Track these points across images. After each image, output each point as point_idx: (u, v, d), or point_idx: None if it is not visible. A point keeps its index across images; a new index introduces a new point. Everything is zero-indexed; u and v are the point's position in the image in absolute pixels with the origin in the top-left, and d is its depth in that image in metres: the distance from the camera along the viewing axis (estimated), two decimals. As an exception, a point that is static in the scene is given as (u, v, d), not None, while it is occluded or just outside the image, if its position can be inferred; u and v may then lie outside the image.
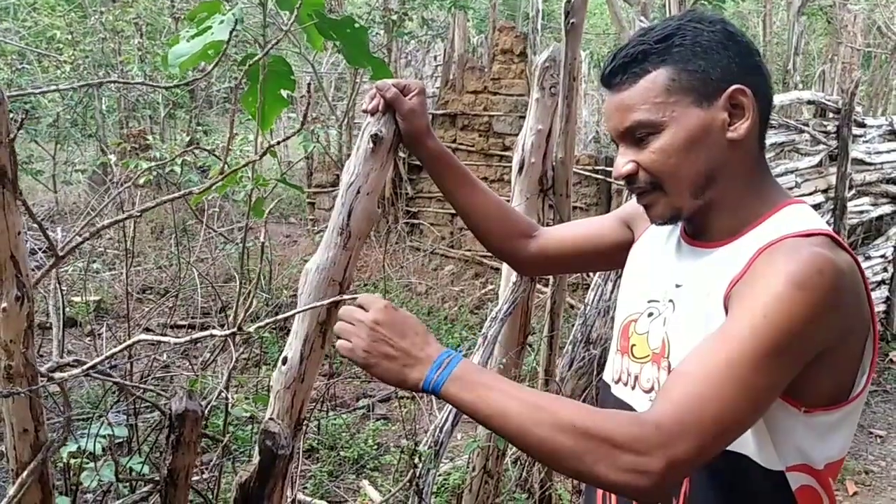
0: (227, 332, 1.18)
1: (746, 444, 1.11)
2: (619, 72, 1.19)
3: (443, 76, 8.26)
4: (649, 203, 1.23)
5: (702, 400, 1.00)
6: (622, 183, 1.24)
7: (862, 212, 6.04)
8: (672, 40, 1.16)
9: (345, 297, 1.37)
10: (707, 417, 0.99)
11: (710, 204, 1.20)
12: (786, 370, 1.03)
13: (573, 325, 3.82)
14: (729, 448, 1.06)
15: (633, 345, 1.30)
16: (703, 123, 1.14)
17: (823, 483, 1.15)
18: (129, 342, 1.28)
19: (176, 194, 1.32)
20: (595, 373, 3.55)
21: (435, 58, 8.98)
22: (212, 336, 1.20)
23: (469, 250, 7.72)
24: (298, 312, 1.55)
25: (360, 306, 1.23)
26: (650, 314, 1.28)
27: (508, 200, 2.89)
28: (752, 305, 1.03)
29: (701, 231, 1.24)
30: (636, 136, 1.18)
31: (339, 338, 1.21)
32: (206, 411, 1.61)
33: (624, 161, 1.21)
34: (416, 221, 8.29)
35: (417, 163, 7.86)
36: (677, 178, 1.17)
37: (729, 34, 1.17)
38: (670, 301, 1.24)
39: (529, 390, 1.12)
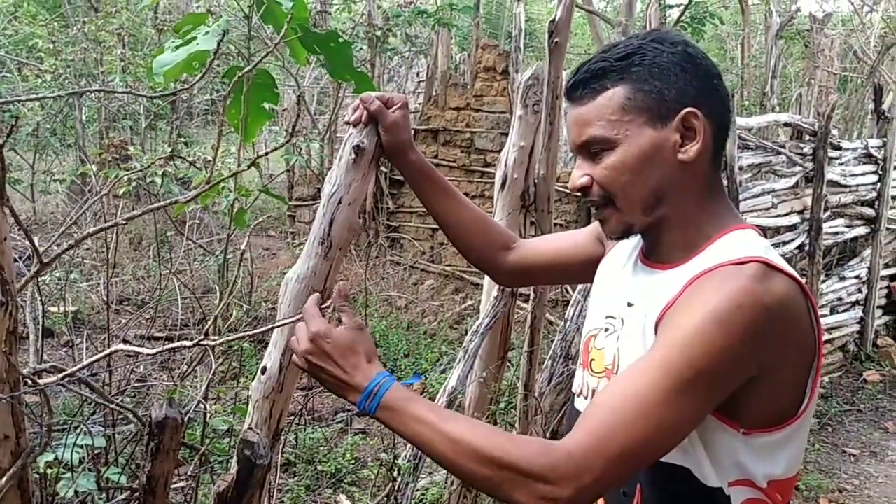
0: (195, 342, 1.18)
1: (687, 458, 1.13)
2: (580, 86, 1.21)
3: (426, 92, 8.30)
4: (603, 217, 1.26)
5: (612, 431, 1.03)
6: (579, 194, 1.26)
7: (837, 233, 6.12)
8: (632, 59, 1.17)
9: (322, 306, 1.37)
10: (614, 449, 1.02)
11: (660, 221, 1.22)
12: (700, 403, 1.05)
13: (552, 341, 3.84)
14: (673, 461, 1.11)
15: (593, 359, 1.32)
16: (655, 143, 1.16)
17: (771, 497, 1.16)
18: (108, 351, 1.28)
19: (161, 203, 1.32)
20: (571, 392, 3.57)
21: (418, 74, 9.02)
22: (185, 347, 1.20)
23: (449, 265, 7.74)
24: (279, 326, 1.55)
25: (307, 318, 1.26)
26: (607, 330, 1.30)
27: (490, 216, 2.91)
28: (671, 339, 1.06)
29: (655, 250, 1.27)
30: (591, 150, 1.21)
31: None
32: (185, 420, 1.61)
33: (579, 174, 1.23)
34: (396, 235, 8.29)
35: (399, 177, 7.88)
36: (628, 194, 1.20)
37: (689, 56, 1.18)
38: (622, 318, 1.26)
39: (453, 418, 1.13)
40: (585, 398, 1.32)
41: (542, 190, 2.92)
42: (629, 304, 1.25)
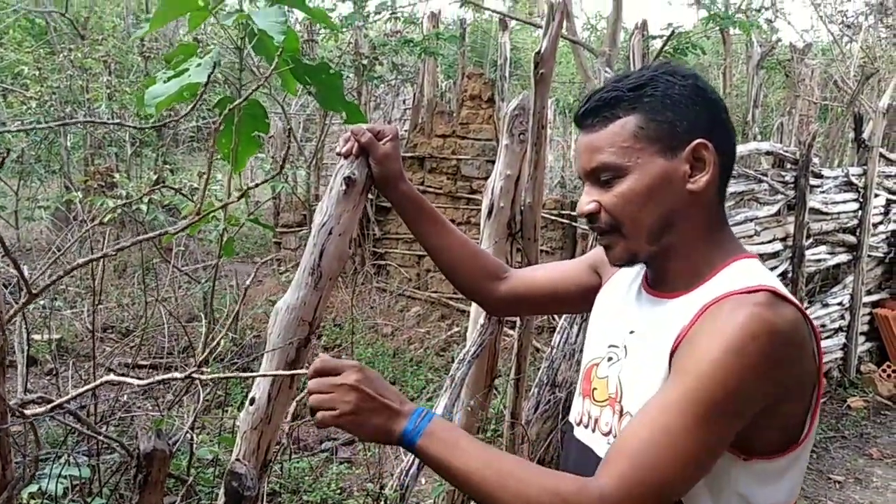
0: (187, 374, 1.18)
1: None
2: (591, 114, 1.23)
3: (412, 120, 8.36)
4: (609, 244, 1.27)
5: (642, 470, 1.05)
6: (584, 220, 1.28)
7: (819, 260, 6.18)
8: (644, 90, 1.20)
9: (298, 371, 1.35)
10: (647, 487, 1.04)
11: (666, 250, 1.23)
12: (723, 432, 1.07)
13: (539, 369, 3.85)
14: None
15: (595, 388, 1.33)
16: (665, 173, 1.19)
17: None
18: (97, 382, 1.28)
19: (151, 234, 1.33)
20: (560, 416, 3.57)
21: (404, 101, 9.08)
22: (176, 379, 1.20)
23: (435, 292, 7.74)
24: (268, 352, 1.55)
25: (327, 372, 1.22)
26: (610, 359, 1.31)
27: (477, 243, 2.92)
28: (689, 372, 1.07)
29: (660, 279, 1.28)
30: (601, 177, 1.22)
31: (316, 411, 1.20)
32: (172, 451, 1.60)
33: (588, 200, 1.25)
34: (383, 262, 8.30)
35: (385, 204, 7.90)
36: (636, 222, 1.21)
37: (699, 90, 1.21)
38: (626, 347, 1.27)
39: (495, 452, 1.16)
40: (586, 427, 1.33)
41: (528, 218, 2.93)
42: (632, 332, 1.26)
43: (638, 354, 1.23)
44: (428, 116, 8.12)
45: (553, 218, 6.93)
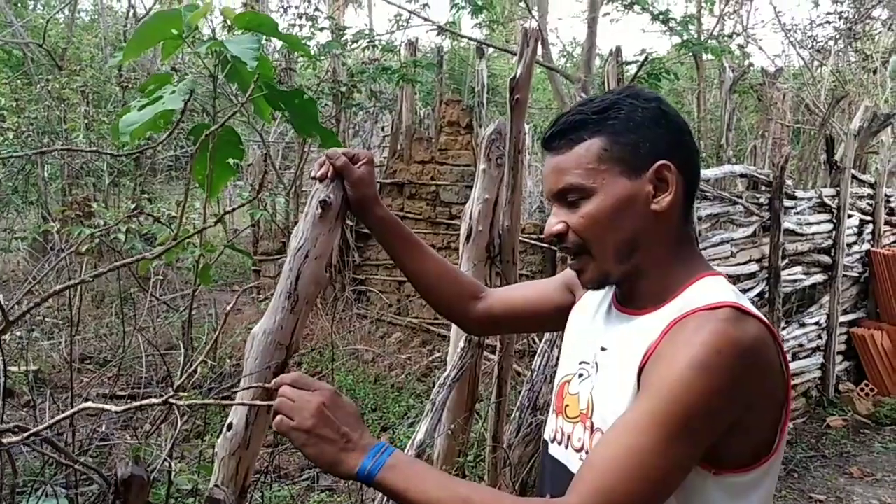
0: (164, 399, 1.18)
1: None
2: (557, 136, 1.26)
3: (391, 146, 8.39)
4: (580, 268, 1.29)
5: (611, 490, 1.06)
6: (553, 241, 1.30)
7: (795, 280, 6.24)
8: (609, 113, 1.23)
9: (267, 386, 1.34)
10: None
11: (635, 270, 1.26)
12: (692, 449, 1.08)
13: (520, 392, 3.85)
14: None
15: (567, 405, 1.34)
16: (630, 193, 1.21)
17: None
18: (75, 409, 1.27)
19: (127, 260, 1.33)
20: (542, 439, 3.57)
21: (383, 128, 9.13)
22: (153, 404, 1.20)
23: (416, 318, 7.73)
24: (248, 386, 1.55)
25: (305, 386, 1.23)
26: (580, 375, 1.32)
27: (457, 267, 2.94)
28: (656, 390, 1.09)
29: (629, 297, 1.30)
30: (568, 198, 1.25)
31: (277, 413, 1.21)
32: (150, 479, 1.59)
33: (555, 221, 1.27)
34: (363, 289, 8.28)
35: (365, 230, 7.91)
36: (603, 242, 1.24)
37: (662, 112, 1.24)
38: (596, 363, 1.29)
39: (458, 482, 1.17)
40: (559, 444, 1.33)
41: (506, 241, 2.96)
42: (602, 349, 1.28)
43: (608, 371, 1.24)
44: (406, 143, 8.16)
45: (532, 242, 6.97)
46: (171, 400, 1.19)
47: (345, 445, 1.17)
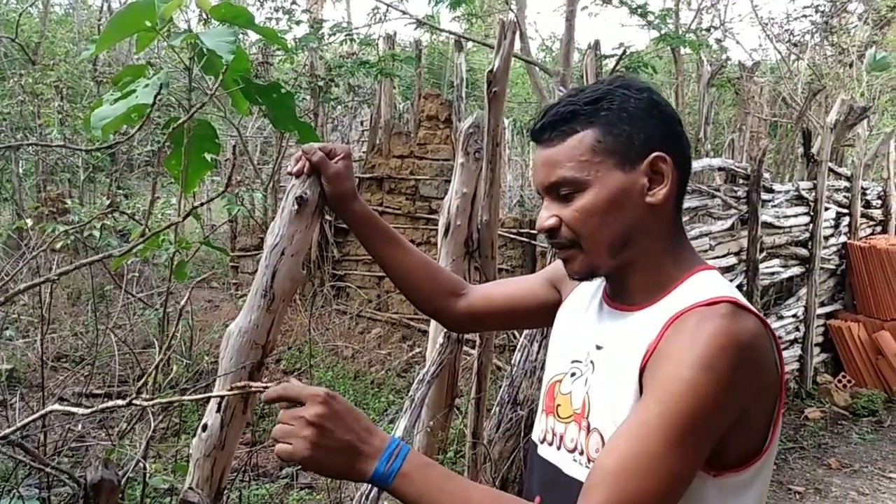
0: (128, 401, 1.15)
1: None
2: (548, 128, 1.22)
3: (369, 141, 8.35)
4: (568, 258, 1.26)
5: (627, 497, 1.03)
6: (545, 236, 1.27)
7: (773, 273, 6.28)
8: (601, 103, 1.19)
9: (254, 385, 1.26)
10: None
11: (626, 264, 1.23)
12: (701, 448, 1.07)
13: (500, 387, 3.83)
14: None
15: (559, 405, 1.31)
16: (624, 186, 1.18)
17: None
18: (41, 412, 1.24)
19: (95, 257, 1.29)
20: (522, 434, 3.56)
21: (362, 123, 9.07)
22: (118, 406, 1.16)
23: (396, 313, 7.71)
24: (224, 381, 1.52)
25: (294, 397, 1.14)
26: (573, 374, 1.29)
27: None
28: (663, 391, 1.06)
29: (621, 292, 1.27)
30: (560, 192, 1.21)
31: (277, 442, 1.12)
32: (122, 482, 1.55)
33: (547, 214, 1.24)
34: (342, 284, 8.25)
35: (344, 225, 7.86)
36: (596, 236, 1.20)
37: (655, 103, 1.21)
38: (591, 362, 1.25)
39: (475, 489, 1.12)
40: (550, 444, 1.30)
41: (485, 236, 2.94)
42: (598, 347, 1.25)
43: (605, 369, 1.21)
44: (385, 137, 8.13)
45: (512, 236, 6.96)
46: (135, 402, 1.15)
47: (352, 454, 1.10)
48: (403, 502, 1.11)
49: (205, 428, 1.60)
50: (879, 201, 8.31)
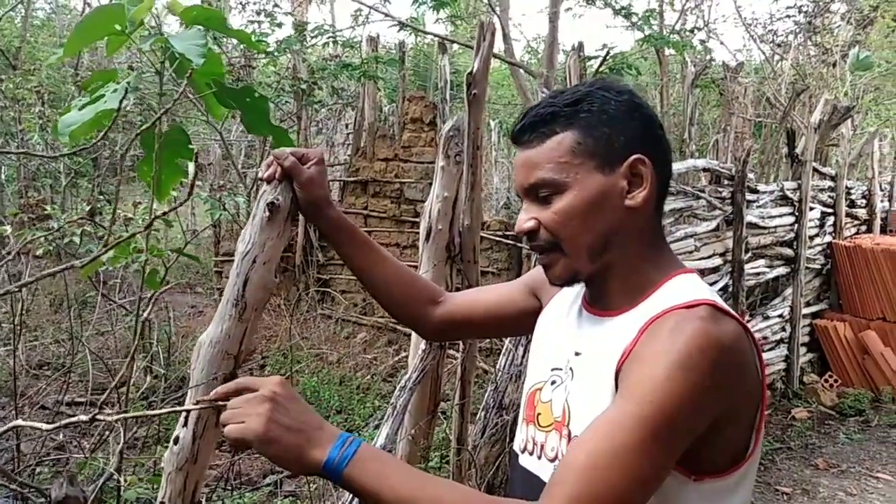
0: (91, 416, 1.11)
1: None
2: (528, 130, 1.21)
3: (354, 144, 8.31)
4: (549, 263, 1.24)
5: (594, 492, 1.00)
6: (524, 239, 1.25)
7: (759, 273, 6.28)
8: (581, 105, 1.18)
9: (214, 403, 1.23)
10: None
11: (607, 268, 1.21)
12: (674, 450, 1.04)
13: (486, 391, 3.80)
14: None
15: (539, 413, 1.29)
16: (604, 189, 1.16)
17: None
18: (4, 428, 1.19)
19: (58, 267, 1.25)
20: (508, 439, 3.53)
21: (347, 126, 9.03)
22: (82, 422, 1.12)
23: (382, 317, 7.66)
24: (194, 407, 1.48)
25: (250, 387, 1.15)
26: (553, 382, 1.27)
27: (418, 267, 2.88)
28: (637, 390, 1.04)
29: (600, 297, 1.25)
30: (539, 194, 1.20)
31: (225, 424, 1.11)
32: (95, 495, 1.51)
33: (526, 217, 1.22)
34: (327, 289, 8.20)
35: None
36: (576, 239, 1.19)
37: (635, 105, 1.20)
38: (571, 369, 1.23)
39: (428, 478, 1.10)
40: (531, 454, 1.28)
41: (467, 240, 2.90)
42: (577, 354, 1.23)
43: (584, 376, 1.19)
44: (370, 140, 8.09)
45: (498, 239, 6.94)
46: (98, 417, 1.11)
47: (308, 436, 1.08)
48: (355, 492, 1.08)
49: (176, 441, 1.56)
50: (864, 201, 8.34)
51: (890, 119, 12.90)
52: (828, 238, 7.34)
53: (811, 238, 6.91)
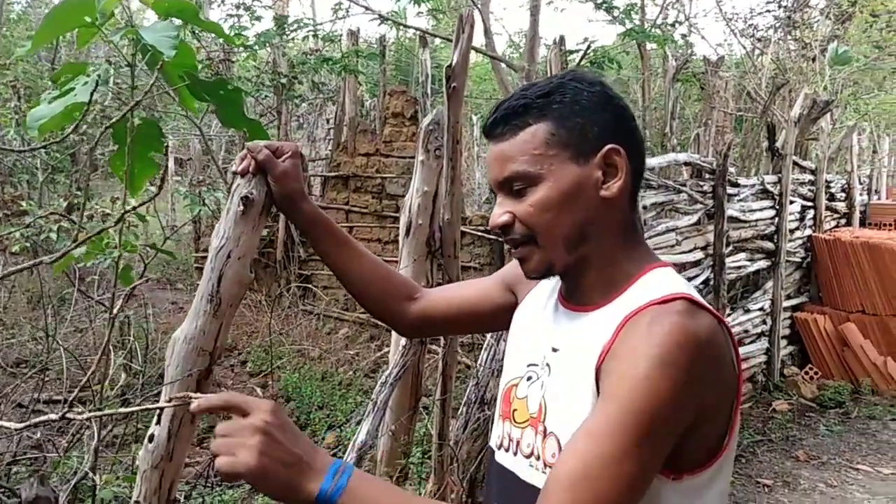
0: (60, 415, 1.08)
1: None
2: (500, 123, 1.19)
3: (335, 139, 8.27)
4: (524, 256, 1.22)
5: (582, 501, 0.99)
6: (499, 233, 1.23)
7: (740, 267, 6.31)
8: (553, 97, 1.17)
9: (193, 396, 1.15)
10: None
11: (582, 260, 1.20)
12: (661, 449, 1.03)
13: (468, 386, 3.79)
14: None
15: (515, 409, 1.27)
16: (578, 179, 1.15)
17: None
18: (-30, 426, 1.16)
19: (27, 263, 1.22)
20: (490, 433, 3.52)
21: (328, 120, 8.98)
22: (51, 421, 1.10)
23: (363, 313, 7.63)
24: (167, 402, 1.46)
25: (239, 408, 1.06)
26: (529, 378, 1.26)
27: (398, 262, 2.86)
28: (619, 391, 1.03)
29: (576, 291, 1.24)
30: (514, 187, 1.18)
31: (216, 456, 1.03)
32: (70, 494, 1.49)
33: (501, 211, 1.20)
34: (308, 284, 8.15)
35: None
36: (551, 231, 1.17)
37: (607, 96, 1.19)
38: (547, 365, 1.22)
39: (423, 502, 1.08)
40: (507, 450, 1.27)
41: (447, 235, 2.89)
42: (554, 350, 1.21)
43: (561, 372, 1.18)
44: (351, 135, 8.04)
45: (480, 234, 6.92)
46: (67, 416, 1.09)
47: (301, 469, 1.03)
48: None
49: (151, 439, 1.54)
50: (843, 194, 8.40)
51: (868, 113, 12.99)
52: (808, 231, 7.39)
53: (791, 231, 6.95)
